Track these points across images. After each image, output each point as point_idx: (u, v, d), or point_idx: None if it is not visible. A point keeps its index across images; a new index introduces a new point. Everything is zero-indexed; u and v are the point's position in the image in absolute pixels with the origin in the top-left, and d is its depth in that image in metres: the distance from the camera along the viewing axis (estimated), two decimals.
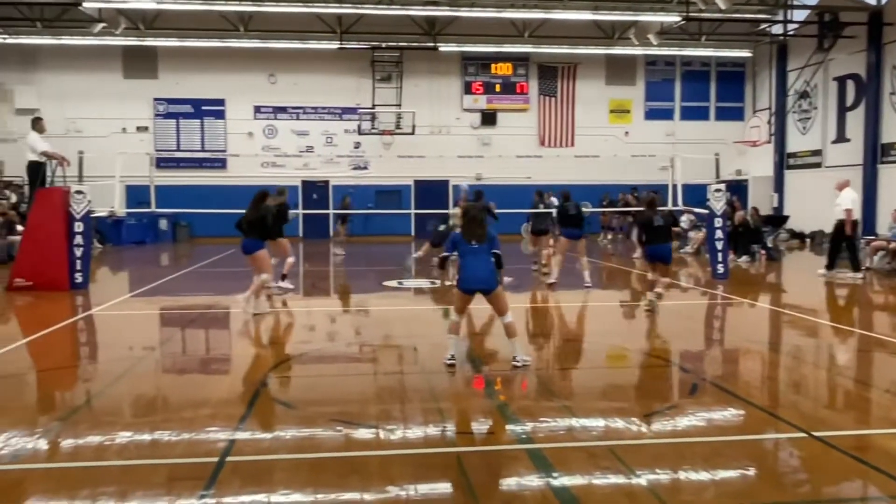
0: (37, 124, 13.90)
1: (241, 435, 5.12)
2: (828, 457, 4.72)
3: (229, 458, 4.63)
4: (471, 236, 7.06)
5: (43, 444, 4.99)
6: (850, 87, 23.95)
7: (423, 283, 13.99)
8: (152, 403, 6.21)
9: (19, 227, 17.36)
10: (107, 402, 6.15)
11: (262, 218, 10.25)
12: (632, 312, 10.98)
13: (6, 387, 6.68)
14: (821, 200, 23.65)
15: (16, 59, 25.88)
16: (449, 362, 6.99)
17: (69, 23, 23.97)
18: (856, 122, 23.65)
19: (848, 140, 24.00)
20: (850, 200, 14.60)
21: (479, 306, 7.51)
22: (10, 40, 23.98)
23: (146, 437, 5.11)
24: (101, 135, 25.48)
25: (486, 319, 9.23)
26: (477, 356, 7.73)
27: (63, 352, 8.32)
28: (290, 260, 12.74)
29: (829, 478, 4.41)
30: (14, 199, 21.51)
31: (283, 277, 12.54)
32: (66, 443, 5.03)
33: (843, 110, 24.32)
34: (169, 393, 6.60)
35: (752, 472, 4.50)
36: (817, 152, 25.46)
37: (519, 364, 6.96)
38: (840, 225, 14.63)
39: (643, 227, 10.61)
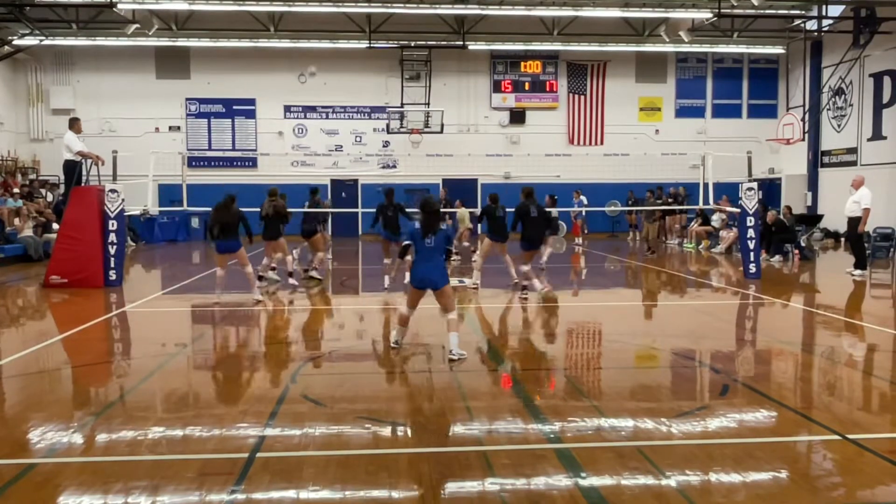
0: (73, 124, 14.14)
1: (271, 431, 5.16)
2: (862, 460, 4.64)
3: (259, 455, 4.68)
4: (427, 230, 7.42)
5: (77, 439, 5.08)
6: (887, 83, 23.45)
7: (451, 282, 13.94)
8: (184, 399, 6.28)
9: (55, 226, 17.71)
10: (140, 398, 6.25)
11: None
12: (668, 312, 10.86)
13: (42, 382, 6.81)
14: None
15: (52, 61, 26.42)
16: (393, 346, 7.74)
17: (104, 24, 24.35)
18: (892, 119, 23.16)
19: (884, 137, 23.50)
20: (870, 198, 14.39)
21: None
22: (47, 42, 24.41)
23: (178, 432, 5.19)
24: (134, 134, 25.87)
25: (504, 318, 9.20)
26: (502, 356, 7.71)
27: (97, 348, 8.46)
28: (289, 258, 13.57)
29: (864, 481, 4.33)
30: (50, 197, 21.91)
31: (274, 269, 13.61)
32: (100, 437, 5.11)
33: (879, 107, 23.81)
34: (200, 389, 6.68)
35: (784, 474, 4.43)
36: (852, 150, 24.98)
37: (455, 358, 7.17)
38: (856, 222, 14.35)
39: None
